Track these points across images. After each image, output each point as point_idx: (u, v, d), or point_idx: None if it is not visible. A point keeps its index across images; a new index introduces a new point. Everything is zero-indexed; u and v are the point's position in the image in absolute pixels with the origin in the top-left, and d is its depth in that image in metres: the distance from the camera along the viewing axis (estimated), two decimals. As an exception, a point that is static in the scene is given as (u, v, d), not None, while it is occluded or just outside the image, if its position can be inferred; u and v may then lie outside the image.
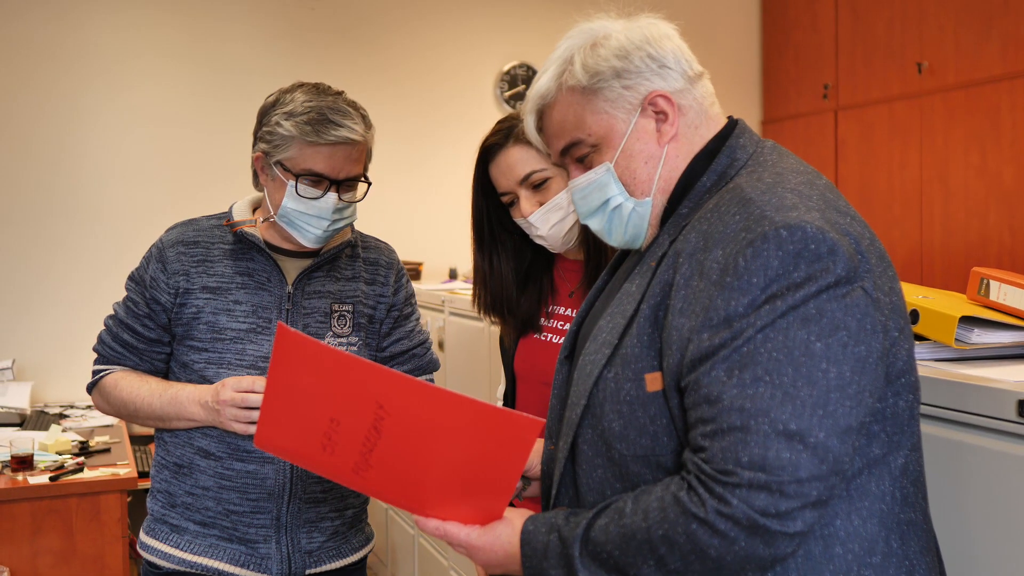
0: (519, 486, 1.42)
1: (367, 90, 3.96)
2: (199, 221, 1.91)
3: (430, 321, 3.61)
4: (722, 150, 1.21)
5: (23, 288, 4.19)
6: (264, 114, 1.80)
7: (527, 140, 1.59)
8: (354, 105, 1.79)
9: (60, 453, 3.11)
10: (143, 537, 1.89)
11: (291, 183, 1.75)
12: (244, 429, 1.71)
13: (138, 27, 4.36)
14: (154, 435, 1.93)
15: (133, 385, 1.84)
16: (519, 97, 4.96)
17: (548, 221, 1.73)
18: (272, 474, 1.80)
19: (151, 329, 1.85)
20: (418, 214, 4.78)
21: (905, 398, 1.11)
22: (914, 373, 1.13)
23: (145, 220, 4.13)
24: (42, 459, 3.00)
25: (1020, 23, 3.93)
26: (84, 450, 3.20)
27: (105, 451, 3.24)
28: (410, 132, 4.81)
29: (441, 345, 3.48)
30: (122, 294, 1.92)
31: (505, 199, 1.79)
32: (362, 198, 1.85)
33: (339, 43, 4.72)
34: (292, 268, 1.87)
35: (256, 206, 1.92)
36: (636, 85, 1.20)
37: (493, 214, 1.85)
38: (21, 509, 2.81)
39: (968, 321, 1.50)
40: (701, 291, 1.07)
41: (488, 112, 4.93)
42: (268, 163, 1.79)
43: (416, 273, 4.61)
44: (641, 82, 1.20)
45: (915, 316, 1.51)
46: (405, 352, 1.95)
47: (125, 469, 3.01)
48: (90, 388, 1.93)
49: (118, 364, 1.89)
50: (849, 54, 4.75)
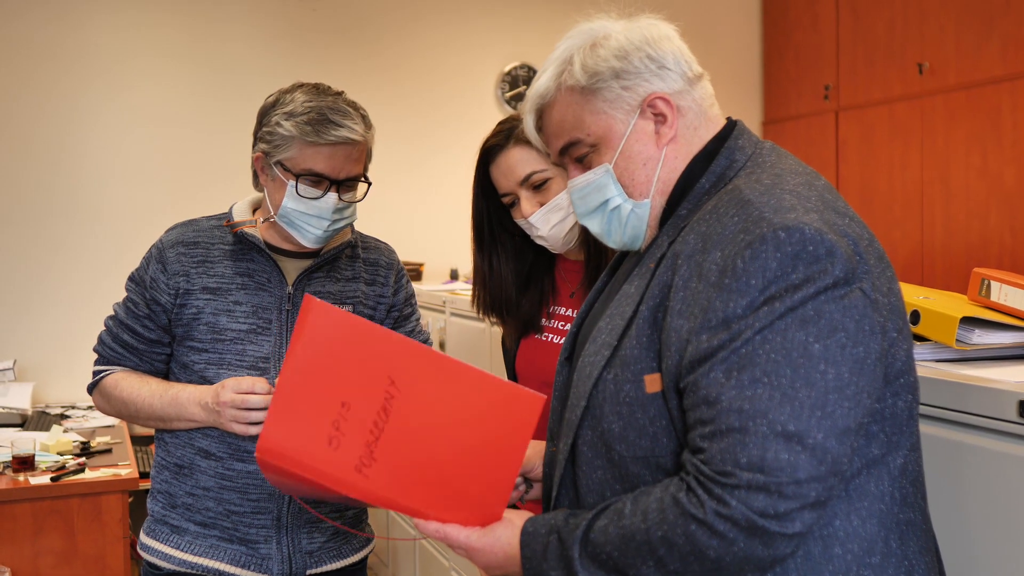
0: (522, 489, 1.42)
1: (367, 90, 3.96)
2: (199, 222, 1.91)
3: (431, 322, 3.61)
4: (721, 151, 1.21)
5: (24, 288, 4.19)
6: (264, 114, 1.80)
7: (527, 141, 1.59)
8: (354, 105, 1.79)
9: (61, 453, 3.11)
10: (143, 538, 1.89)
11: (291, 183, 1.75)
12: (244, 430, 1.71)
13: (138, 27, 4.36)
14: (154, 436, 1.93)
15: (133, 386, 1.84)
16: (520, 98, 4.96)
17: (549, 221, 1.74)
18: (272, 475, 1.80)
19: (151, 330, 1.85)
20: (419, 214, 4.78)
21: (904, 398, 1.11)
22: (913, 374, 1.13)
23: (145, 220, 4.13)
24: (43, 460, 3.00)
25: (1021, 24, 3.92)
26: (85, 451, 3.20)
27: (106, 452, 3.24)
28: (410, 132, 4.81)
29: (442, 346, 3.48)
30: (122, 294, 1.92)
31: (506, 200, 1.79)
32: (362, 198, 1.85)
33: (339, 43, 4.72)
34: (292, 269, 1.87)
35: (256, 206, 1.92)
36: (635, 86, 1.20)
37: (494, 215, 1.85)
38: (22, 509, 2.81)
39: (969, 322, 1.50)
40: (700, 292, 1.07)
41: (489, 113, 4.92)
42: (268, 163, 1.79)
43: (417, 274, 4.60)
44: (640, 83, 1.20)
45: (916, 317, 1.51)
46: (405, 352, 1.95)
47: (126, 470, 3.01)
48: (91, 389, 1.93)
49: (118, 365, 1.89)
50: (850, 55, 4.75)
